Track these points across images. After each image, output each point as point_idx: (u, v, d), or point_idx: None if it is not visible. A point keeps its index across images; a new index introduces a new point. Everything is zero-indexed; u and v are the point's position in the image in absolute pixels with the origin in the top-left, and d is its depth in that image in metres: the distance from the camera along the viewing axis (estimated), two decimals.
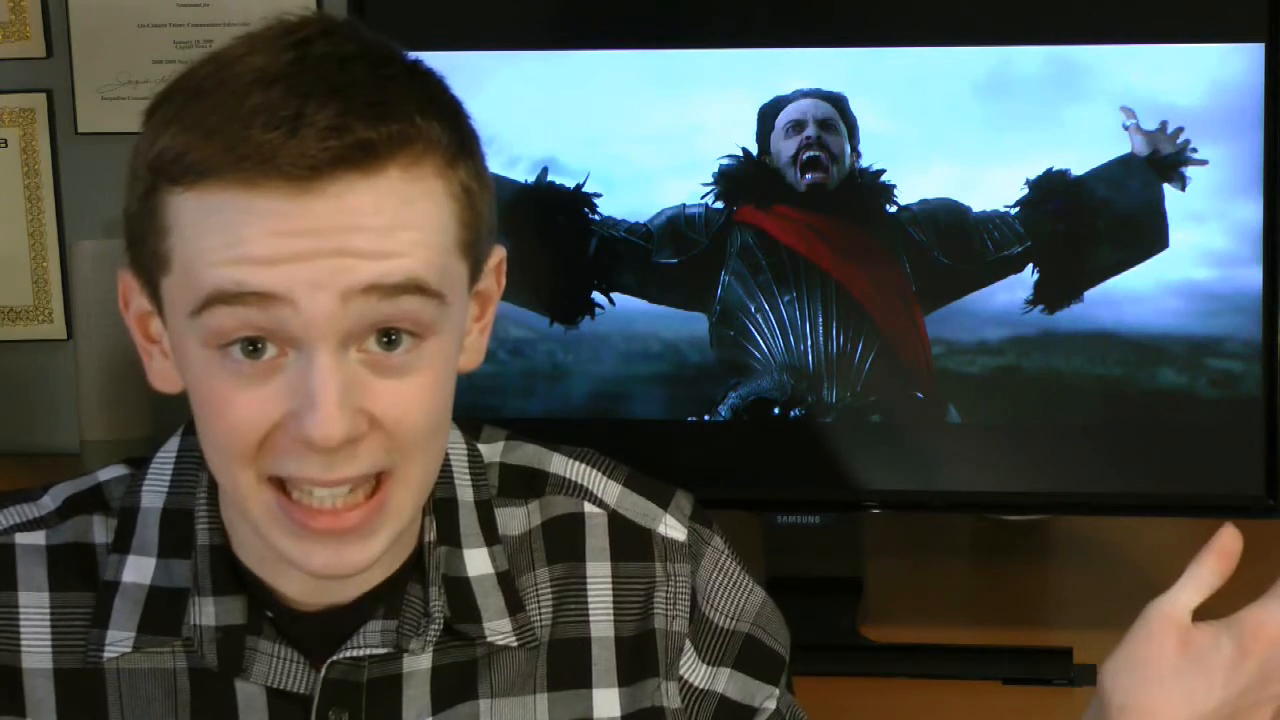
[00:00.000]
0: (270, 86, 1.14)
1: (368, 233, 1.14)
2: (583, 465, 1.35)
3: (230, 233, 1.13)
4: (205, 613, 1.25)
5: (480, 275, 1.24)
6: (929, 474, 1.93)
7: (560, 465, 1.35)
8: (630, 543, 1.33)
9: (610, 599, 1.32)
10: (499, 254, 1.27)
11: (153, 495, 1.29)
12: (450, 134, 1.18)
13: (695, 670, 1.35)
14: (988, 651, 1.87)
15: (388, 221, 1.14)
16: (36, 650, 1.26)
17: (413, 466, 1.19)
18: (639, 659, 1.33)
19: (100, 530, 1.28)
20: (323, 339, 1.14)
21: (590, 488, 1.34)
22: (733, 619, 1.36)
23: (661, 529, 1.34)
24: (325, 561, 1.19)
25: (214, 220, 1.14)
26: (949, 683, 1.85)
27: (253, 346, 1.15)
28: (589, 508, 1.34)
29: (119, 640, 1.25)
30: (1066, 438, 1.90)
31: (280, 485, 1.18)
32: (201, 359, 1.16)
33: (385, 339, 1.16)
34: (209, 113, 1.15)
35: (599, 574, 1.33)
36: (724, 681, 1.36)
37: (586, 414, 1.95)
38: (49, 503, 1.30)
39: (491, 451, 1.34)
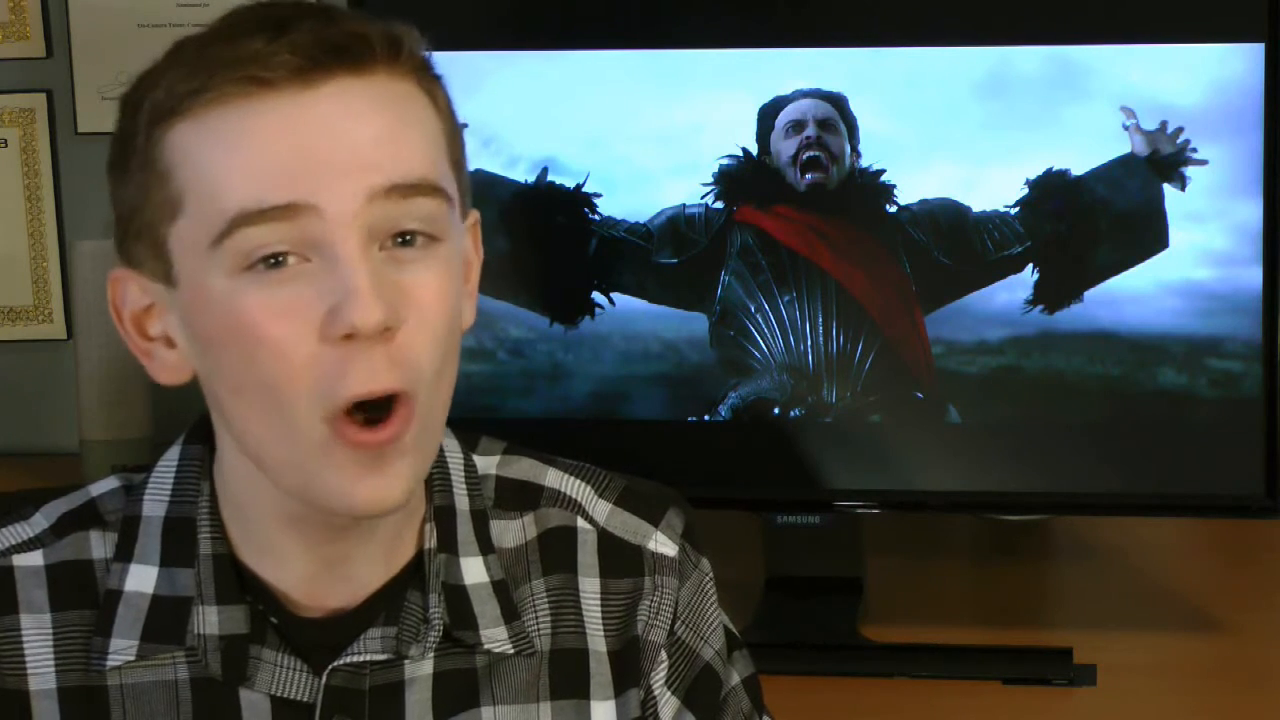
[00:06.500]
0: (251, 16, 1.18)
1: (373, 129, 1.17)
2: (577, 480, 1.35)
3: (241, 140, 1.16)
4: (209, 621, 1.25)
5: (466, 207, 1.26)
6: (929, 474, 1.93)
7: (555, 479, 1.34)
8: (619, 560, 1.33)
9: (600, 614, 1.32)
10: (474, 215, 1.29)
11: (154, 504, 1.28)
12: (427, 57, 1.22)
13: (663, 693, 1.35)
14: (988, 651, 1.87)
15: (389, 118, 1.18)
16: (41, 672, 1.26)
17: (424, 396, 1.19)
18: (624, 669, 1.32)
19: (98, 546, 1.28)
20: (347, 238, 1.16)
21: (583, 503, 1.34)
22: (701, 640, 1.36)
23: (652, 545, 1.34)
24: (370, 488, 1.18)
25: (221, 136, 1.16)
26: (949, 683, 1.85)
27: (275, 260, 1.17)
28: (581, 523, 1.33)
29: (122, 649, 1.25)
30: (1066, 438, 1.90)
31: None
32: (227, 291, 1.17)
33: (401, 239, 1.18)
34: (194, 51, 1.18)
35: (590, 589, 1.33)
36: (673, 714, 1.35)
37: (586, 414, 1.95)
38: (42, 521, 1.29)
39: (487, 464, 1.34)
